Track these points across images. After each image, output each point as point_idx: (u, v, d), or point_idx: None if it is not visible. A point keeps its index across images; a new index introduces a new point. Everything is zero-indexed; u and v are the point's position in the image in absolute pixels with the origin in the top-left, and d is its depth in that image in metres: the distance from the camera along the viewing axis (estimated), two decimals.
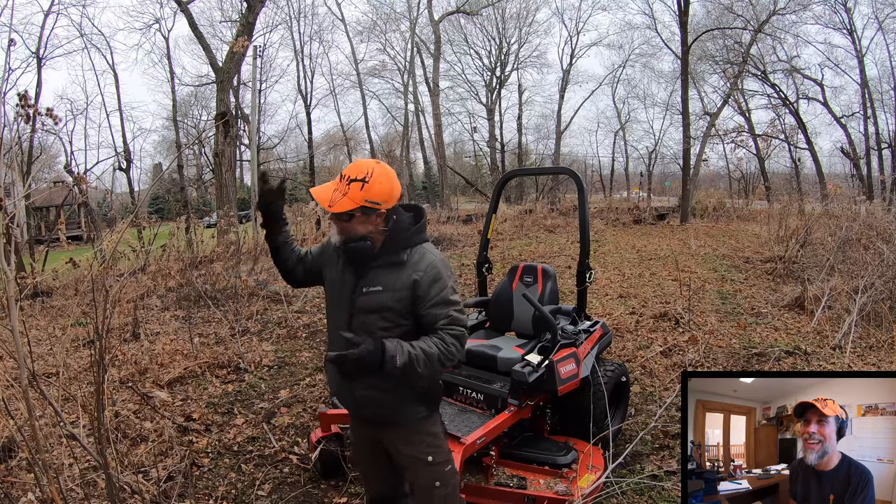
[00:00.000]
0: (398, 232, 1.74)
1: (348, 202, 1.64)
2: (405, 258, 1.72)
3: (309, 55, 26.08)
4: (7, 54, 19.09)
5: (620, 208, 19.50)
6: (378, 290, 1.71)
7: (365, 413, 1.85)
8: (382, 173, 1.68)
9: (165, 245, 8.88)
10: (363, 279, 1.75)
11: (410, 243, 1.74)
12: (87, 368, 4.05)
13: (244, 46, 13.40)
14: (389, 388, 1.74)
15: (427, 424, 1.86)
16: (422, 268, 1.71)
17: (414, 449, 1.83)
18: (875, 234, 6.92)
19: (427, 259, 1.73)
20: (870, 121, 20.55)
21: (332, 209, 1.66)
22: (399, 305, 1.71)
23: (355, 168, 1.68)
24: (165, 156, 27.78)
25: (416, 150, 30.59)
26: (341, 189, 1.66)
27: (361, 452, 2.06)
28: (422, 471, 1.84)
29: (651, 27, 23.93)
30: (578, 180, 3.31)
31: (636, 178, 28.99)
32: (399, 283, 1.71)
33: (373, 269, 1.74)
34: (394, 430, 1.85)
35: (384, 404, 1.79)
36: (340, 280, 1.81)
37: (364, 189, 1.64)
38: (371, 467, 2.06)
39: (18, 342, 1.85)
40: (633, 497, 2.67)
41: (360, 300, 1.73)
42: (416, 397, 1.80)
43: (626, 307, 6.34)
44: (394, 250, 1.73)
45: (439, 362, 1.68)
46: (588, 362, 2.97)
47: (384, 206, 1.69)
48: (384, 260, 1.73)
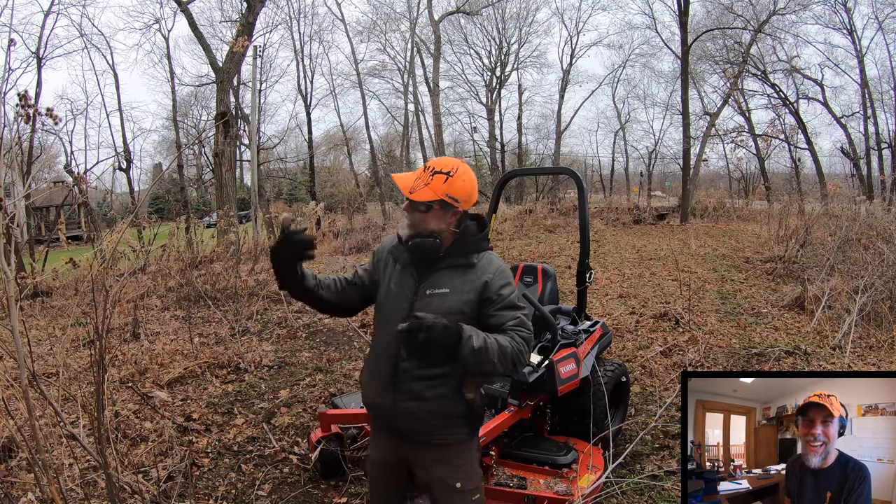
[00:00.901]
0: (469, 235, 1.71)
1: (429, 192, 1.62)
2: (475, 261, 1.68)
3: (309, 55, 26.10)
4: (7, 54, 19.11)
5: (620, 208, 19.50)
6: (444, 291, 1.65)
7: (401, 427, 1.70)
8: (466, 172, 1.66)
9: (165, 245, 8.88)
10: (426, 281, 1.67)
11: (479, 248, 1.71)
12: (87, 368, 4.05)
13: (244, 46, 13.39)
14: (435, 398, 1.65)
15: (464, 448, 1.75)
16: (491, 271, 1.67)
17: (444, 472, 1.71)
18: (875, 234, 6.92)
19: (496, 263, 1.70)
20: (870, 121, 20.57)
21: (412, 196, 1.62)
22: (466, 308, 1.64)
23: (441, 162, 1.66)
24: (165, 156, 27.78)
25: (416, 150, 30.57)
26: (424, 179, 1.63)
27: (380, 473, 1.85)
28: (449, 496, 1.72)
29: (651, 27, 23.94)
30: (578, 180, 3.31)
31: (636, 178, 28.97)
32: (468, 285, 1.65)
33: (438, 271, 1.68)
34: (426, 450, 1.72)
35: (425, 419, 1.67)
36: (398, 283, 1.71)
37: (447, 183, 1.62)
38: (384, 492, 1.86)
39: (18, 342, 1.85)
40: (633, 497, 2.68)
41: (420, 304, 1.64)
42: (461, 414, 1.70)
43: (626, 307, 6.34)
44: (463, 252, 1.69)
45: (511, 361, 1.59)
46: (588, 362, 2.97)
47: (462, 206, 1.66)
48: (452, 262, 1.68)
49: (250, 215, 15.22)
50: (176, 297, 6.90)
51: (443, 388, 1.65)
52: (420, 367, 1.65)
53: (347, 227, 15.56)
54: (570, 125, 29.43)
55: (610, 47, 37.35)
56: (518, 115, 28.96)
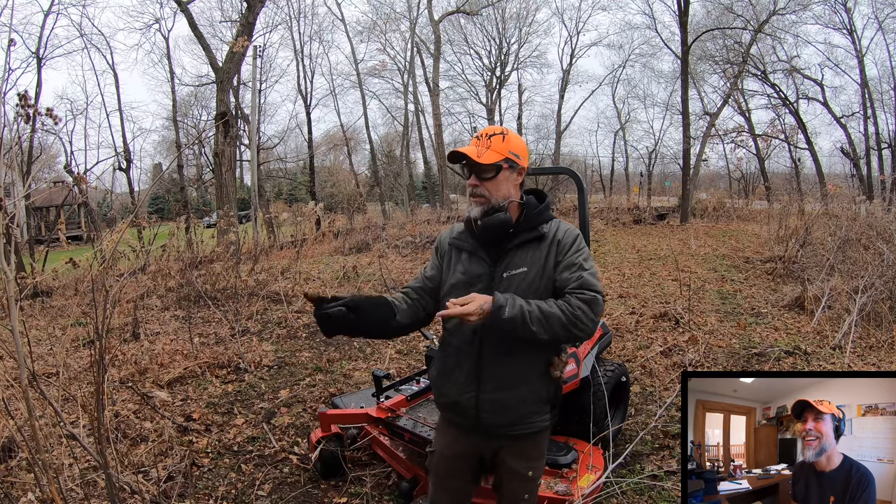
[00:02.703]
0: (532, 207, 1.69)
1: (494, 154, 1.62)
2: (545, 230, 1.65)
3: (309, 55, 26.17)
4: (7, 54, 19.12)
5: (620, 208, 19.50)
6: (523, 271, 1.60)
7: (486, 421, 1.65)
8: (514, 132, 1.70)
9: (165, 245, 8.89)
10: (501, 264, 1.63)
11: (546, 217, 1.69)
12: (87, 368, 4.05)
13: (244, 46, 13.41)
14: (518, 392, 1.63)
15: (542, 438, 1.73)
16: (561, 234, 1.65)
17: (521, 463, 1.69)
18: (875, 234, 6.91)
19: (565, 226, 1.68)
20: (870, 121, 20.57)
21: (480, 159, 1.61)
22: (547, 283, 1.60)
23: (490, 128, 1.68)
24: (165, 156, 27.80)
25: (416, 150, 30.62)
26: (483, 144, 1.64)
27: (448, 464, 1.78)
28: (517, 485, 1.72)
29: (651, 27, 23.94)
30: (578, 180, 3.30)
31: (636, 178, 28.98)
32: (543, 257, 1.61)
33: (511, 251, 1.64)
34: (506, 441, 1.68)
35: (514, 408, 1.63)
36: (466, 272, 1.66)
37: (505, 141, 1.64)
38: (456, 482, 1.80)
39: (18, 342, 1.85)
40: (633, 497, 2.67)
41: (501, 289, 1.57)
42: (547, 398, 1.67)
43: (626, 307, 6.34)
44: (531, 226, 1.66)
45: (562, 326, 1.50)
46: (588, 362, 2.97)
47: (523, 162, 1.68)
48: (523, 237, 1.64)
49: (250, 215, 15.24)
50: (176, 297, 6.90)
51: (532, 373, 1.64)
52: (504, 355, 1.61)
53: (347, 227, 15.57)
54: (570, 125, 29.52)
55: (610, 47, 37.53)
56: (518, 115, 29.01)
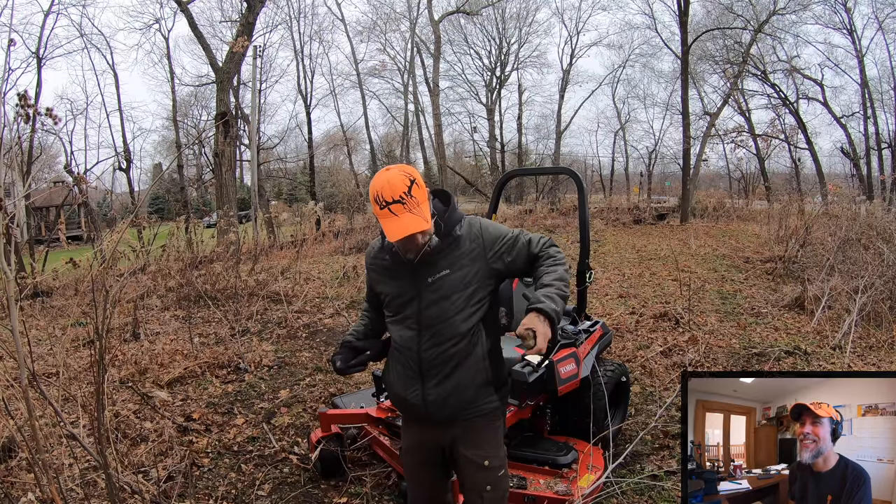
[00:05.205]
0: (441, 214, 1.73)
1: (421, 218, 1.60)
2: (459, 233, 1.72)
3: (309, 55, 26.08)
4: (7, 54, 19.09)
5: (620, 208, 19.49)
6: (445, 273, 1.69)
7: (434, 412, 1.76)
8: (400, 169, 1.63)
9: (165, 245, 8.89)
10: (423, 269, 1.71)
11: (456, 219, 1.74)
12: (87, 368, 4.05)
13: (244, 46, 13.41)
14: (458, 381, 1.73)
15: (490, 425, 1.80)
16: (479, 233, 1.73)
17: (473, 451, 1.76)
18: (875, 234, 6.92)
19: (475, 224, 1.76)
20: (870, 121, 20.57)
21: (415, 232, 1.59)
22: (473, 281, 1.71)
23: (390, 187, 1.57)
24: (165, 156, 27.77)
25: (416, 150, 30.58)
26: (406, 209, 1.57)
27: (416, 458, 1.92)
28: (473, 473, 1.77)
29: (651, 27, 23.91)
30: (578, 180, 3.30)
31: (636, 178, 28.96)
32: (465, 258, 1.70)
33: (429, 255, 1.70)
34: (455, 428, 1.78)
35: (455, 396, 1.74)
36: (397, 280, 1.76)
37: (413, 190, 1.59)
38: (425, 475, 1.92)
39: (18, 342, 1.85)
40: (633, 497, 2.67)
41: (429, 292, 1.70)
42: (486, 381, 1.76)
43: (626, 307, 6.34)
44: (446, 232, 1.71)
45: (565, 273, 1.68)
46: (588, 362, 2.96)
47: (424, 188, 1.67)
48: (440, 244, 1.70)
49: (250, 215, 15.24)
50: (176, 297, 6.90)
51: (465, 360, 1.72)
52: (435, 348, 1.71)
53: (347, 226, 15.55)
54: (570, 125, 29.48)
55: (610, 47, 37.35)
56: (518, 115, 29.01)
